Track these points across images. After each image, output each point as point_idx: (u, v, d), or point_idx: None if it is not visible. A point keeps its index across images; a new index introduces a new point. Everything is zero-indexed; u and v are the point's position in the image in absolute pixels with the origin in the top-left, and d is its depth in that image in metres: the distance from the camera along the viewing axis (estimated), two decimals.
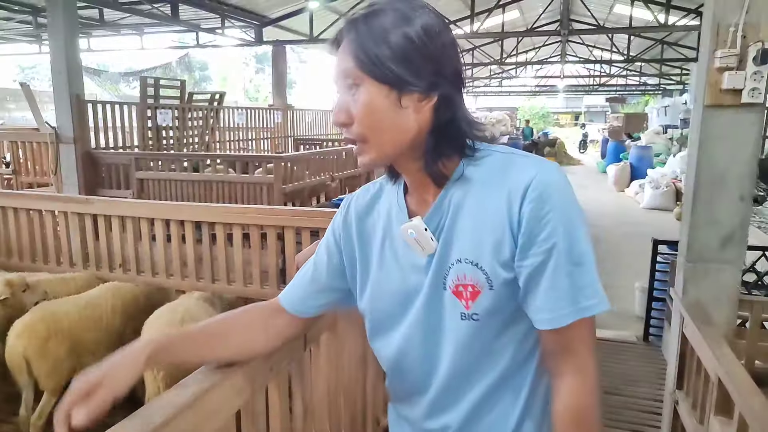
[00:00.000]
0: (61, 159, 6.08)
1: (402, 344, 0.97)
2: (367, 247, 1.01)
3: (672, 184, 10.39)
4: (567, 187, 0.84)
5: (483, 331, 0.88)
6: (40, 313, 2.60)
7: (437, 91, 0.84)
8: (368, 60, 0.82)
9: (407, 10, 0.83)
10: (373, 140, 0.85)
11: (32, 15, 9.91)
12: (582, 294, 0.81)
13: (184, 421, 0.97)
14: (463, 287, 0.87)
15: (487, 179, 0.87)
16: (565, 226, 0.81)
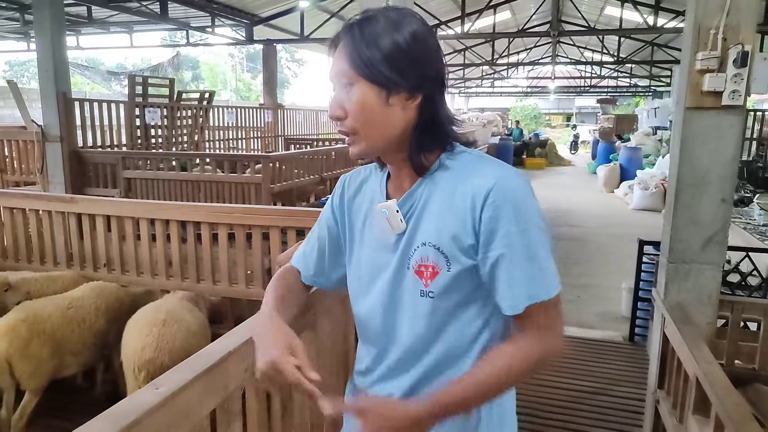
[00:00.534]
0: (48, 157, 6.03)
1: (367, 312, 1.09)
2: (354, 223, 1.13)
3: (661, 185, 10.45)
4: (525, 192, 0.95)
5: (437, 308, 0.99)
6: (23, 313, 2.57)
7: (422, 92, 0.96)
8: (362, 62, 0.93)
9: (397, 17, 0.95)
10: (364, 133, 0.97)
11: (19, 12, 9.83)
12: (534, 283, 0.93)
13: (154, 421, 0.96)
14: (424, 267, 0.99)
15: (458, 175, 0.98)
16: (520, 227, 0.92)
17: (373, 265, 1.07)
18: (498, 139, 18.17)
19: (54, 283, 3.19)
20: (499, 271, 0.94)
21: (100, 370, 3.11)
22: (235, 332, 1.28)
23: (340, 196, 1.17)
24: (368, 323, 1.09)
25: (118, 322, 2.93)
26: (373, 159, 1.11)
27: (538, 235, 0.94)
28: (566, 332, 3.05)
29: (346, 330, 1.96)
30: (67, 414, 2.99)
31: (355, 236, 1.12)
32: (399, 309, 1.03)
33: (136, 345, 2.43)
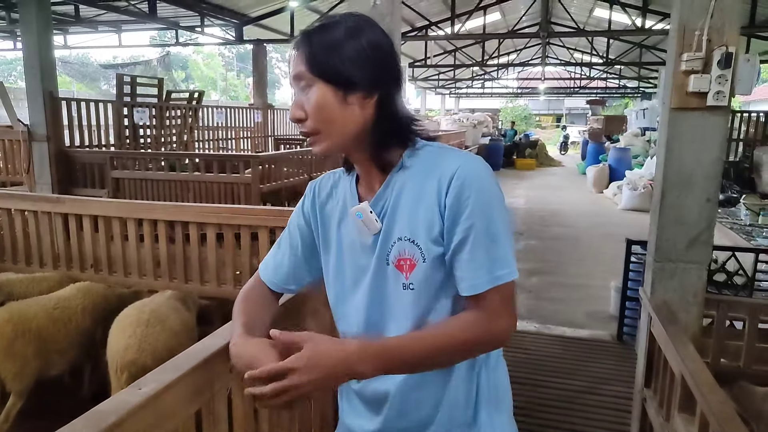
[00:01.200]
0: (34, 157, 5.97)
1: (353, 312, 1.11)
2: (328, 228, 1.16)
3: (649, 186, 10.53)
4: (487, 177, 0.99)
5: (420, 299, 1.02)
6: (8, 313, 2.54)
7: (378, 90, 0.99)
8: (318, 65, 0.97)
9: (353, 23, 0.99)
10: (324, 132, 1.00)
11: (5, 10, 9.73)
12: (496, 265, 0.96)
13: (138, 421, 0.95)
14: (403, 261, 1.02)
15: (423, 169, 1.02)
16: (482, 209, 0.96)
17: (355, 267, 1.09)
18: (488, 139, 18.23)
19: (39, 284, 3.16)
20: (462, 253, 0.97)
21: (88, 370, 3.08)
22: (219, 333, 1.28)
23: (312, 202, 1.19)
24: (354, 323, 1.11)
25: (105, 322, 2.90)
26: (339, 161, 1.15)
27: (500, 219, 0.97)
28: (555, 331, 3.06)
29: (333, 331, 1.96)
30: (54, 415, 2.95)
31: (331, 240, 1.14)
32: (384, 304, 1.06)
33: (119, 345, 2.41)
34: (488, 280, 0.96)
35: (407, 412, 1.07)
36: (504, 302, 0.97)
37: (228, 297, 3.25)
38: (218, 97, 29.73)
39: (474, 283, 0.96)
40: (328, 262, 1.16)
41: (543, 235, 8.26)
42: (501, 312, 0.97)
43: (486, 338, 0.97)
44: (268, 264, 1.24)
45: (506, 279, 0.96)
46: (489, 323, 0.96)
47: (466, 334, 0.96)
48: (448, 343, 0.96)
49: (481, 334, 0.97)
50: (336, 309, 1.17)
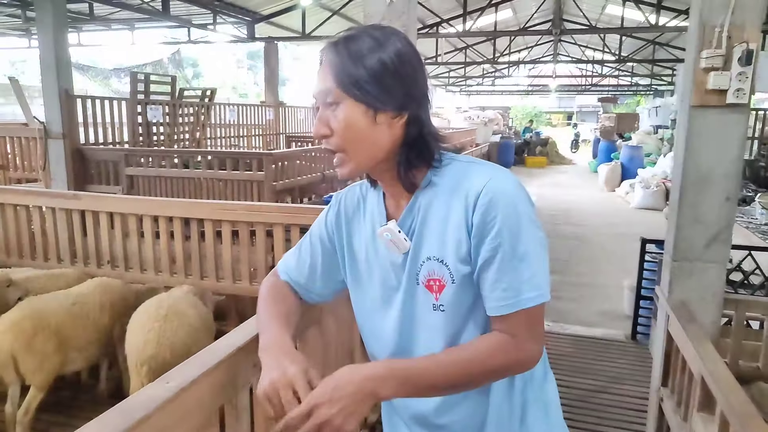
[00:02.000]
0: (50, 154, 6.03)
1: (383, 332, 1.08)
2: (355, 244, 1.12)
3: (662, 184, 10.46)
4: (515, 193, 0.93)
5: (450, 321, 0.99)
6: (28, 309, 2.58)
7: (408, 110, 0.96)
8: (348, 82, 0.93)
9: (381, 36, 0.95)
10: (351, 152, 0.97)
11: (21, 8, 9.82)
12: (523, 287, 0.91)
13: (165, 415, 0.96)
14: (433, 281, 0.99)
15: (449, 185, 0.98)
16: (510, 228, 0.91)
17: (385, 286, 1.07)
18: (499, 137, 18.16)
19: (57, 280, 3.19)
20: (488, 273, 0.93)
21: (104, 367, 3.11)
22: (242, 328, 1.29)
23: (336, 215, 1.16)
24: (384, 343, 1.08)
25: (122, 318, 2.93)
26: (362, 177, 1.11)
27: (530, 238, 0.92)
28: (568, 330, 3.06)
29: (351, 327, 1.97)
30: (71, 410, 3.00)
31: (359, 257, 1.11)
32: (414, 325, 1.03)
33: (138, 340, 2.44)
34: (514, 302, 0.92)
35: None
36: (531, 326, 0.94)
37: (243, 293, 3.28)
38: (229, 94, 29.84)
39: (499, 305, 0.93)
40: (356, 278, 1.13)
41: (554, 233, 8.22)
42: (527, 336, 0.93)
43: (511, 362, 0.94)
44: (290, 267, 1.21)
45: (534, 302, 0.92)
46: (514, 347, 0.93)
47: (490, 359, 0.93)
48: (470, 367, 0.93)
49: (506, 359, 0.93)
50: (364, 326, 1.15)
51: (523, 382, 1.05)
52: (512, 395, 1.04)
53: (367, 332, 1.14)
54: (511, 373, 0.99)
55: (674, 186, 2.28)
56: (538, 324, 0.95)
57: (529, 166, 18.23)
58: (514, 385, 1.03)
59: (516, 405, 1.04)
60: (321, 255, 1.17)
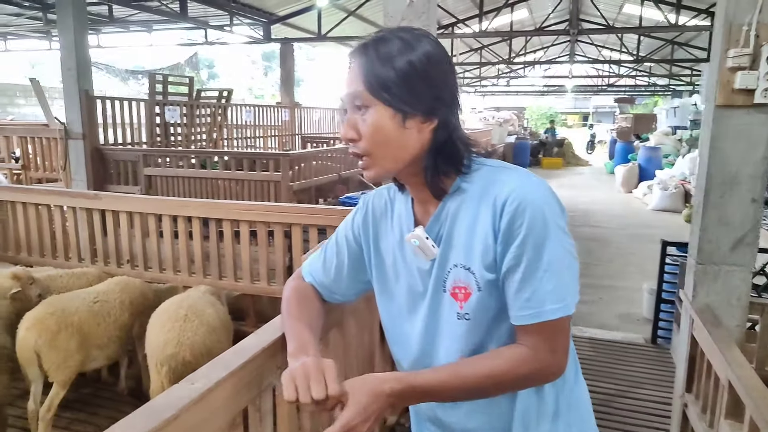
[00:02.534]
0: (70, 155, 6.11)
1: (409, 342, 1.07)
2: (382, 248, 1.11)
3: (681, 186, 10.32)
4: (544, 200, 0.91)
5: (474, 330, 0.97)
6: (51, 306, 2.61)
7: (437, 115, 0.94)
8: (378, 86, 0.91)
9: (412, 39, 0.93)
10: (378, 155, 0.95)
11: (42, 11, 9.97)
12: (546, 298, 0.89)
13: (191, 416, 0.96)
14: (458, 289, 0.97)
15: (478, 191, 0.96)
16: (536, 236, 0.89)
17: (412, 292, 1.05)
18: (514, 138, 18.06)
19: (78, 279, 3.24)
20: (511, 281, 0.91)
21: (124, 365, 3.15)
22: (265, 329, 1.28)
23: (364, 218, 1.15)
24: (409, 350, 1.07)
25: (141, 317, 2.97)
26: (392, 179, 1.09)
27: (556, 247, 0.89)
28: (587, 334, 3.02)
29: (372, 329, 1.96)
30: (92, 407, 3.03)
31: (386, 262, 1.10)
32: (438, 333, 1.02)
33: (158, 340, 2.46)
34: (536, 313, 0.89)
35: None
36: (552, 339, 0.91)
37: (261, 293, 3.29)
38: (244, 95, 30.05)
39: (521, 314, 0.91)
40: (382, 282, 1.11)
41: (573, 235, 8.09)
42: (548, 349, 0.91)
43: (531, 375, 0.93)
44: (315, 269, 1.20)
45: (556, 314, 0.89)
46: (534, 360, 0.91)
47: (510, 372, 0.92)
48: (489, 380, 0.92)
49: (526, 372, 0.92)
50: (389, 331, 1.14)
51: (555, 388, 1.02)
52: (541, 400, 1.02)
53: (392, 337, 1.13)
54: (531, 385, 0.97)
55: (698, 187, 2.24)
56: (562, 337, 0.92)
57: (545, 167, 18.10)
58: (543, 390, 1.01)
59: (545, 410, 1.02)
60: (347, 257, 1.16)
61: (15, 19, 10.69)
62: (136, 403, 0.97)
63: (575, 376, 1.08)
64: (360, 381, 0.93)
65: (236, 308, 3.34)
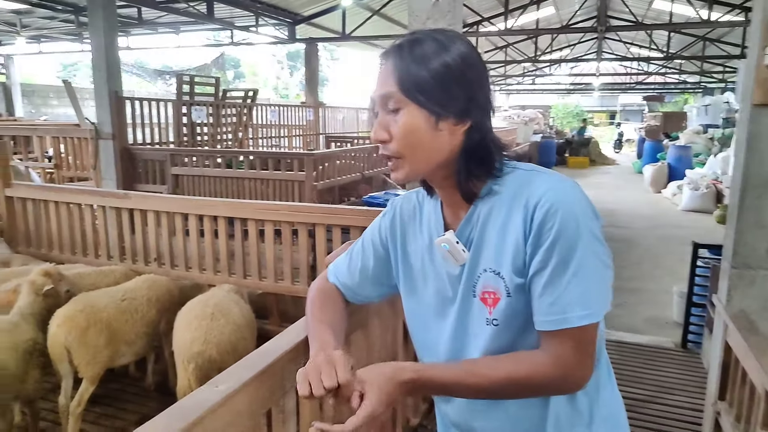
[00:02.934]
0: (101, 154, 6.24)
1: (438, 347, 1.05)
2: (410, 252, 1.10)
3: (712, 186, 10.06)
4: (576, 204, 0.89)
5: (503, 335, 0.95)
6: (81, 303, 2.66)
7: (471, 118, 0.93)
8: (412, 87, 0.90)
9: (446, 40, 0.92)
10: (409, 158, 0.94)
11: (74, 14, 10.21)
12: (572, 304, 0.87)
13: (215, 418, 0.97)
14: (488, 294, 0.96)
15: (510, 195, 0.94)
16: (566, 240, 0.87)
17: (441, 296, 1.04)
18: (540, 137, 17.84)
19: (107, 276, 3.30)
20: (537, 285, 0.89)
21: (151, 361, 3.20)
22: (289, 332, 1.28)
23: (392, 222, 1.14)
24: (436, 353, 1.06)
25: (168, 314, 3.01)
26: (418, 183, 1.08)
27: (587, 253, 0.87)
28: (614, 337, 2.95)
29: (396, 330, 1.95)
30: (120, 402, 3.08)
31: (414, 266, 1.09)
32: (467, 338, 1.00)
33: (185, 338, 2.50)
34: (560, 319, 0.87)
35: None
36: (577, 348, 0.88)
37: (285, 292, 3.31)
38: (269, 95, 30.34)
39: (544, 319, 0.89)
40: (410, 286, 1.10)
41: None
42: (571, 358, 0.89)
43: (550, 384, 0.91)
44: (341, 270, 1.20)
45: (582, 321, 0.86)
46: (555, 368, 0.89)
47: (528, 378, 0.90)
48: (506, 382, 0.90)
49: (545, 380, 0.90)
50: (416, 335, 1.12)
51: (588, 397, 0.99)
52: (575, 409, 0.99)
53: (420, 342, 1.12)
54: (551, 393, 0.95)
55: (733, 189, 2.17)
56: (587, 345, 0.89)
57: (571, 167, 17.84)
58: (576, 398, 0.98)
59: (579, 420, 0.99)
60: (373, 260, 1.16)
61: (49, 22, 10.98)
62: (162, 399, 0.99)
63: (611, 386, 1.05)
64: (378, 368, 0.93)
65: (259, 307, 3.36)
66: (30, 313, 2.62)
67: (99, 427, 2.84)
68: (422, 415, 2.45)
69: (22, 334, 2.50)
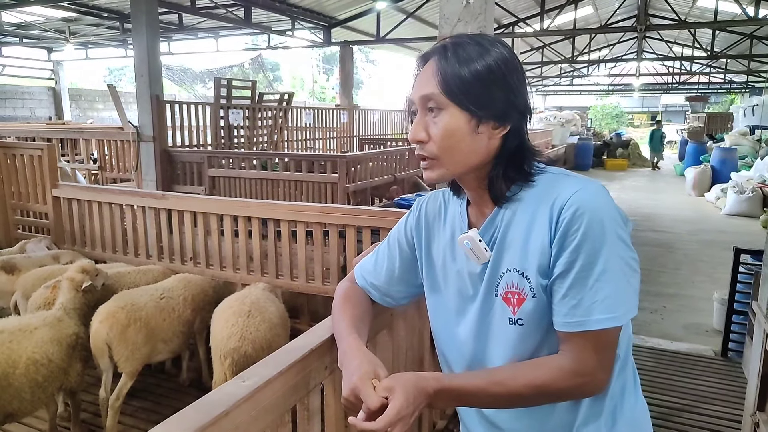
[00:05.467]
0: (142, 156, 6.46)
1: (458, 342, 1.06)
2: (433, 250, 1.11)
3: (759, 189, 9.68)
4: (603, 207, 0.88)
5: (526, 336, 0.96)
6: (122, 301, 2.77)
7: (510, 122, 0.94)
8: (455, 89, 0.91)
9: (489, 45, 0.93)
10: (446, 159, 0.95)
11: (119, 21, 10.58)
12: (594, 307, 0.86)
13: (241, 413, 1.00)
14: (511, 294, 0.96)
15: (536, 196, 0.95)
16: (591, 243, 0.86)
17: (461, 295, 1.05)
18: (576, 138, 17.51)
19: (145, 275, 3.42)
20: (559, 286, 0.89)
21: (186, 358, 3.29)
22: (315, 331, 1.31)
23: (417, 221, 1.15)
24: (460, 354, 1.07)
25: (202, 312, 3.10)
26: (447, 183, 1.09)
27: (612, 256, 0.87)
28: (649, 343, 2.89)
29: (422, 332, 1.96)
30: (156, 397, 3.19)
31: (436, 264, 1.10)
32: (489, 338, 1.01)
33: (223, 334, 2.58)
34: (582, 321, 0.87)
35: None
36: (598, 351, 0.88)
37: (315, 292, 3.36)
38: (305, 98, 30.70)
39: (566, 321, 0.89)
40: (432, 285, 1.12)
41: (635, 240, 7.75)
42: (591, 361, 0.88)
43: (571, 389, 0.90)
44: (367, 272, 1.22)
45: (604, 325, 0.86)
46: (576, 372, 0.89)
47: (549, 384, 0.89)
48: (527, 389, 0.90)
49: (566, 385, 0.89)
50: (438, 333, 1.13)
51: (614, 401, 0.99)
52: (600, 408, 0.98)
53: (441, 340, 1.13)
54: (572, 398, 0.95)
55: None
56: (608, 350, 0.90)
57: (608, 169, 17.46)
58: (603, 403, 0.98)
59: (604, 419, 0.98)
60: (399, 260, 1.17)
61: (95, 29, 11.41)
62: (196, 394, 1.02)
63: (636, 391, 1.04)
64: (404, 376, 0.93)
65: (290, 306, 3.42)
66: (72, 308, 2.74)
67: (136, 419, 2.95)
68: (448, 418, 2.45)
69: (66, 328, 2.61)
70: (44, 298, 2.94)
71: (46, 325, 2.54)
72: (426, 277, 1.13)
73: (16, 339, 2.39)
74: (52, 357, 2.46)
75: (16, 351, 2.36)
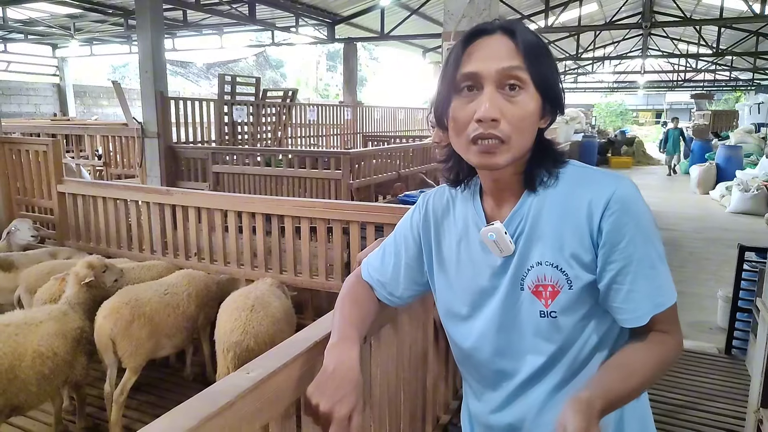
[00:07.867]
0: (146, 152, 6.47)
1: (476, 337, 1.05)
2: (442, 245, 1.10)
3: (764, 187, 9.64)
4: (642, 201, 0.93)
5: (561, 328, 0.96)
6: (126, 297, 2.78)
7: (556, 114, 0.95)
8: (540, 69, 0.89)
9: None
10: (516, 142, 0.91)
11: (123, 17, 10.60)
12: (657, 293, 0.92)
13: (246, 404, 1.00)
14: (543, 287, 0.95)
15: (565, 190, 0.95)
16: (642, 236, 0.90)
17: (478, 290, 1.03)
18: (581, 136, 17.46)
19: (150, 270, 3.43)
20: (621, 283, 0.91)
21: (189, 353, 3.31)
22: (318, 324, 1.31)
23: (424, 217, 1.13)
24: (474, 353, 1.06)
25: (205, 308, 3.11)
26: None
27: (658, 245, 0.92)
28: None
29: (426, 327, 1.96)
30: (161, 391, 3.21)
31: (446, 259, 1.08)
32: (515, 331, 1.00)
33: (226, 327, 2.60)
34: (663, 301, 0.92)
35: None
36: (671, 322, 0.95)
37: (319, 288, 3.37)
38: (309, 95, 30.69)
39: (636, 315, 0.92)
40: (443, 281, 1.10)
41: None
42: (676, 330, 0.96)
43: (674, 357, 0.95)
44: (373, 268, 1.20)
45: (668, 304, 0.93)
46: (675, 342, 0.95)
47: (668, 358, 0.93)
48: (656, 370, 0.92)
49: (674, 354, 0.94)
50: (449, 328, 1.12)
51: None
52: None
53: (456, 335, 1.11)
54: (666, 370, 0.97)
55: None
56: (677, 319, 0.97)
57: (613, 167, 17.38)
58: None
59: (613, 415, 0.98)
60: (405, 256, 1.16)
61: (100, 25, 11.43)
62: (200, 388, 1.02)
63: None
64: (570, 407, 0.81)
65: (294, 302, 3.43)
66: (77, 302, 2.76)
67: (141, 413, 2.96)
68: (452, 412, 2.46)
69: (71, 322, 2.62)
70: (51, 293, 2.96)
71: (52, 318, 2.55)
72: (436, 275, 1.11)
73: (22, 332, 2.40)
74: (58, 350, 2.48)
75: (23, 344, 2.37)
